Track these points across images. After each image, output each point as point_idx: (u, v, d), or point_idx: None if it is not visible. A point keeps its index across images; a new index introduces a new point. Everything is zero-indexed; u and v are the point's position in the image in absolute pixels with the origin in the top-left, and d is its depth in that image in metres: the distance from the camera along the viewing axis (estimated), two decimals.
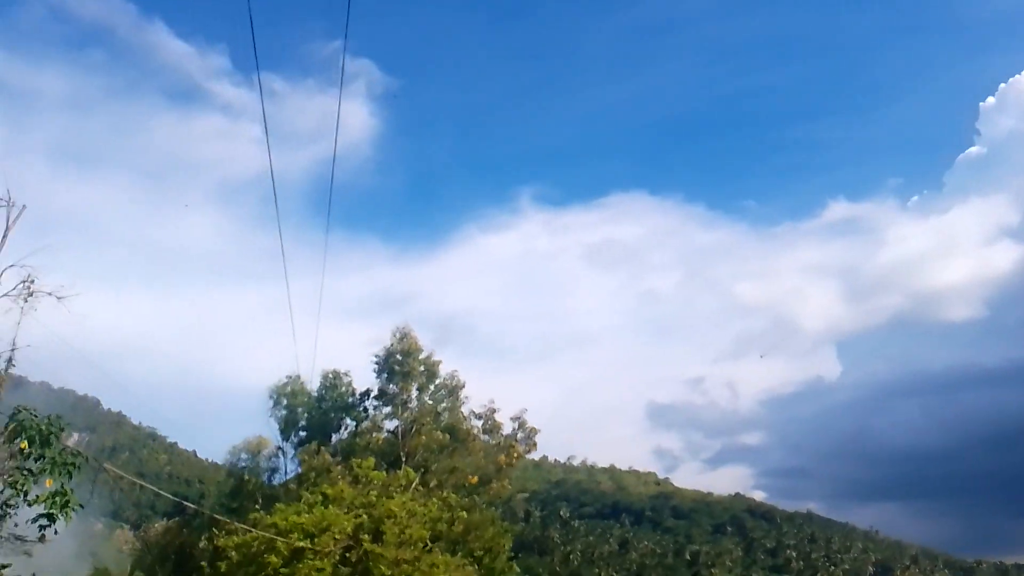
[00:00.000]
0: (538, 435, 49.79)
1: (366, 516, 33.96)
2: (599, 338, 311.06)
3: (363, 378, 54.16)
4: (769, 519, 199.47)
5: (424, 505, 36.41)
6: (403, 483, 38.42)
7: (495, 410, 50.46)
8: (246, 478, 52.60)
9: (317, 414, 53.53)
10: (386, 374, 49.96)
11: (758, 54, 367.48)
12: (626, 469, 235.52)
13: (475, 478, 46.72)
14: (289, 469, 54.61)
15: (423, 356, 50.27)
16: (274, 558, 30.71)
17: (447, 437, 47.45)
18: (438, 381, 51.29)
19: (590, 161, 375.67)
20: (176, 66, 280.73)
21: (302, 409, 54.05)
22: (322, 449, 46.26)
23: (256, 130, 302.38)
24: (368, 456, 42.23)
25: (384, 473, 39.23)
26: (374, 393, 51.48)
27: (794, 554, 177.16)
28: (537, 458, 54.36)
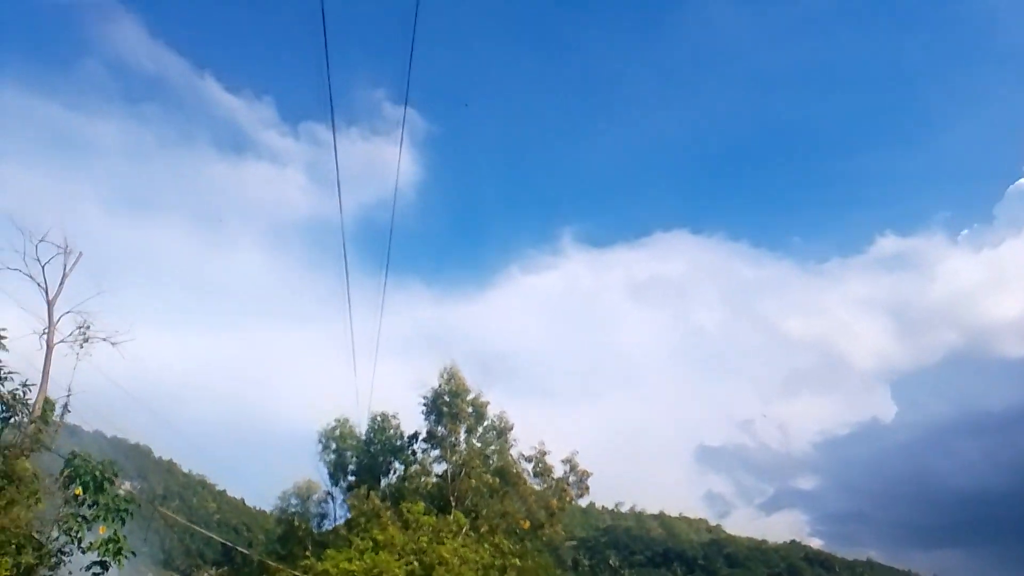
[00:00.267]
0: (590, 478, 48.57)
1: (417, 562, 33.25)
2: (645, 378, 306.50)
3: (410, 420, 53.86)
4: (828, 567, 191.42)
5: (476, 551, 35.53)
6: (454, 528, 37.70)
7: (545, 452, 49.41)
8: (296, 523, 52.26)
9: (366, 457, 53.18)
10: (434, 415, 49.30)
11: (802, 86, 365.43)
12: (676, 515, 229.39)
13: (527, 522, 45.56)
14: (338, 514, 54.31)
15: (471, 397, 49.57)
16: None
17: (497, 480, 46.47)
18: (486, 423, 50.45)
19: (631, 199, 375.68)
20: (226, 117, 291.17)
21: (351, 453, 53.81)
22: (372, 493, 45.66)
23: (302, 177, 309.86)
24: (418, 500, 41.62)
25: (434, 517, 38.52)
26: (422, 435, 50.87)
27: None
28: (584, 504, 52.80)
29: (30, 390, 26.51)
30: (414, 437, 52.11)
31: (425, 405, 49.47)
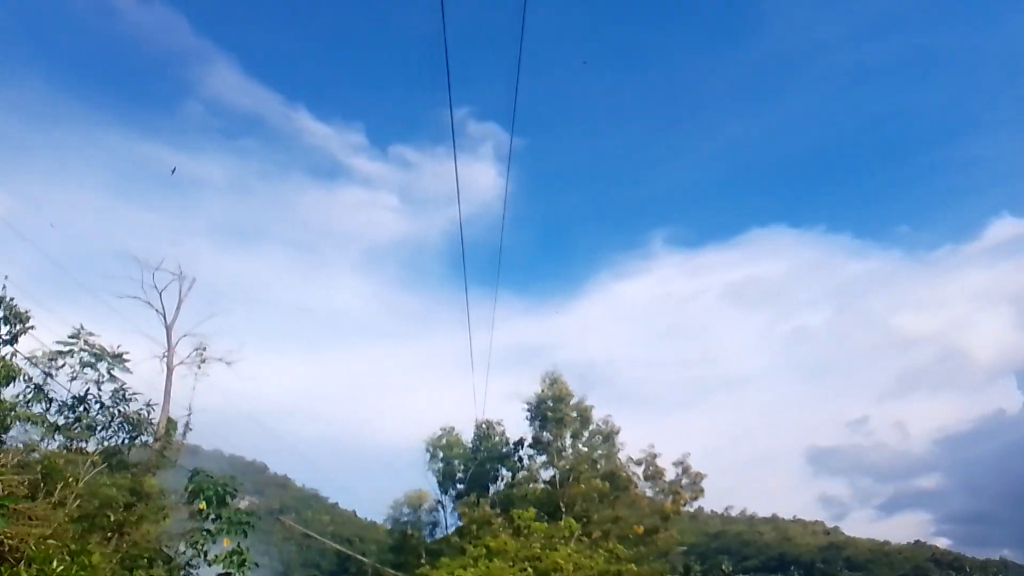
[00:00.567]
0: (704, 480, 46.82)
1: (531, 569, 32.66)
2: (748, 381, 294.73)
3: (512, 429, 53.83)
4: (957, 568, 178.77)
5: (590, 557, 34.64)
6: (565, 534, 36.94)
7: (656, 455, 48.13)
8: (409, 532, 52.83)
9: (473, 465, 53.28)
10: (538, 421, 48.86)
11: (902, 73, 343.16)
12: (790, 519, 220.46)
13: (640, 528, 44.33)
14: (449, 522, 54.60)
15: (574, 401, 48.90)
16: None
17: (607, 485, 45.46)
18: (592, 427, 49.65)
19: (724, 198, 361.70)
20: (318, 146, 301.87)
21: (458, 461, 54.03)
22: (481, 501, 45.60)
23: (392, 199, 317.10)
24: (527, 507, 41.10)
25: (545, 524, 37.87)
26: (528, 442, 50.58)
27: None
28: (692, 509, 50.77)
29: (153, 410, 27.63)
30: (519, 444, 51.89)
31: (529, 411, 49.16)
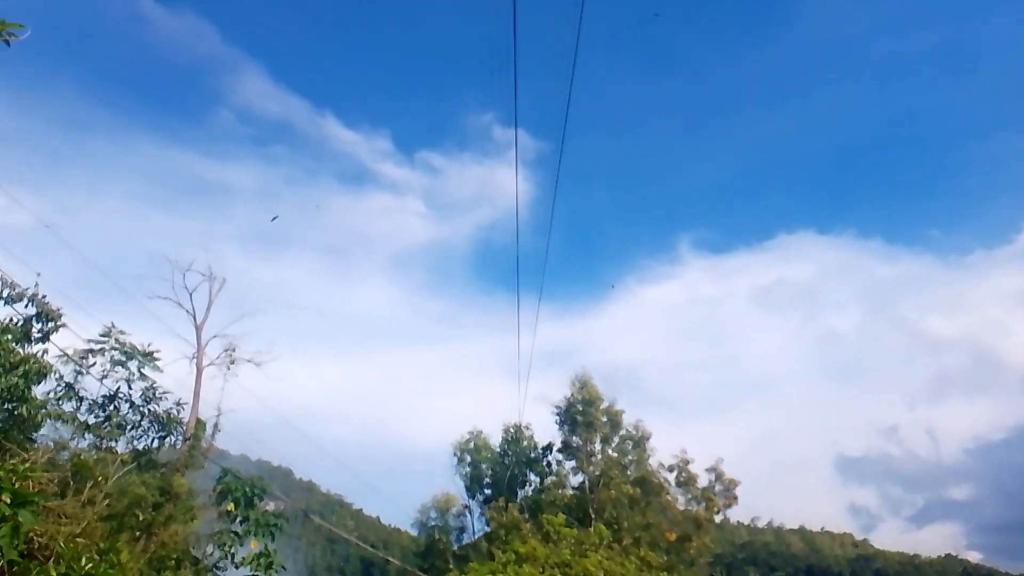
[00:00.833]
0: (737, 487, 45.80)
1: (561, 575, 32.03)
2: (776, 386, 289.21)
3: (541, 434, 53.33)
4: None
5: (621, 564, 33.93)
6: (595, 540, 36.24)
7: (688, 461, 47.22)
8: (436, 536, 52.44)
9: (501, 470, 52.78)
10: (568, 426, 48.23)
11: (931, 70, 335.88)
12: (818, 529, 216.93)
13: (673, 534, 43.47)
14: (476, 527, 54.16)
15: (605, 405, 48.18)
16: None
17: (638, 491, 44.69)
18: (622, 432, 48.89)
19: (751, 202, 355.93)
20: (345, 152, 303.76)
21: (486, 465, 53.55)
22: (510, 506, 45.07)
23: (419, 204, 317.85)
24: (556, 512, 40.49)
25: (575, 530, 37.21)
26: (557, 446, 49.98)
27: None
28: (723, 517, 49.69)
29: (183, 408, 27.57)
30: (548, 448, 51.32)
31: (558, 415, 48.60)
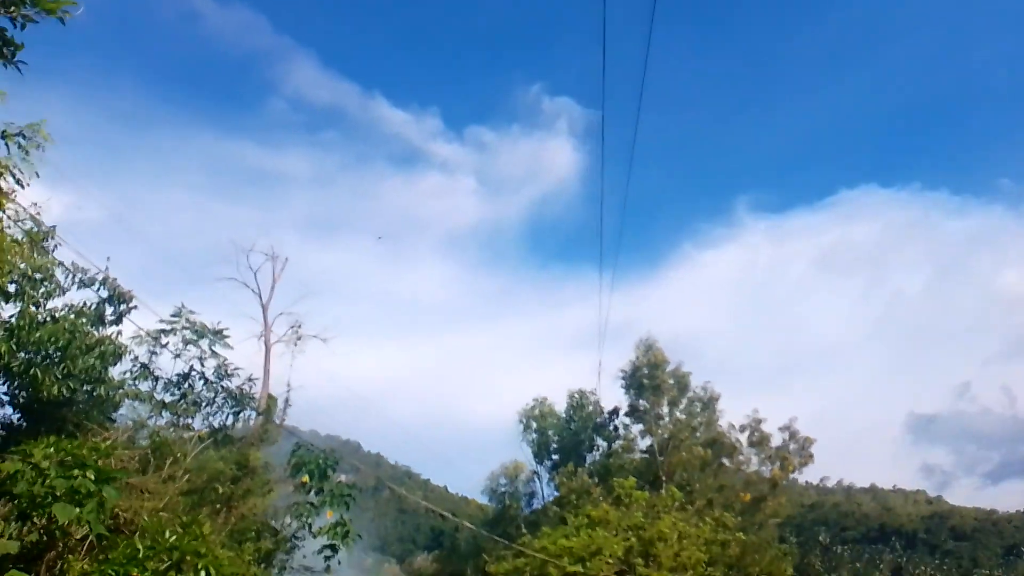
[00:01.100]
0: (813, 445, 44.60)
1: (634, 538, 31.77)
2: (842, 348, 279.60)
3: (605, 401, 53.11)
4: None
5: (696, 526, 33.46)
6: (668, 503, 35.81)
7: (760, 420, 46.17)
8: (507, 503, 52.78)
9: (567, 436, 52.66)
10: (634, 390, 47.61)
11: (1000, 13, 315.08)
12: (890, 488, 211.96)
13: (747, 495, 42.75)
14: (545, 493, 54.30)
15: (671, 368, 47.38)
16: None
17: (709, 453, 44.00)
18: (690, 394, 48.08)
19: (810, 160, 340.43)
20: (396, 133, 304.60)
21: (553, 432, 53.47)
22: (579, 470, 44.97)
23: (471, 182, 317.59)
24: (625, 476, 40.17)
25: (646, 493, 36.84)
26: (624, 410, 49.46)
27: None
28: (800, 475, 48.46)
29: (255, 384, 28.09)
30: (615, 413, 50.90)
31: (624, 379, 47.98)
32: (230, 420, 27.35)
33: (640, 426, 48.09)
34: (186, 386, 25.48)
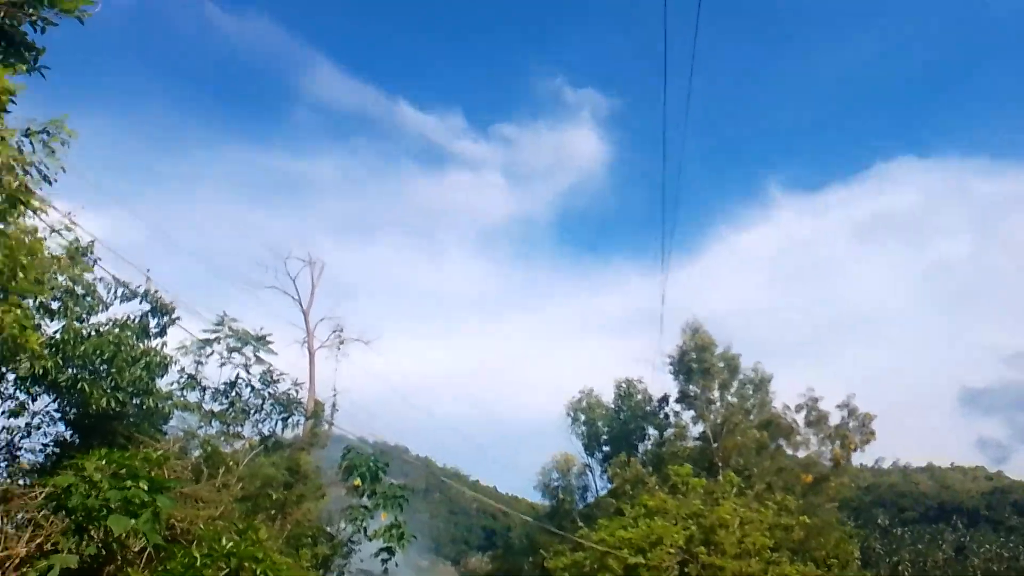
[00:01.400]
0: (874, 420, 43.08)
1: (695, 527, 30.94)
2: (886, 322, 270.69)
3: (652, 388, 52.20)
4: None
5: (757, 511, 32.48)
6: (727, 489, 34.86)
7: (817, 399, 44.82)
8: (561, 497, 52.13)
9: (617, 426, 51.85)
10: (683, 375, 46.58)
11: None
12: (948, 466, 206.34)
13: (808, 476, 41.53)
14: (598, 485, 53.56)
15: (719, 351, 46.24)
16: None
17: (765, 435, 42.82)
18: (740, 376, 46.89)
19: (842, 133, 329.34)
20: (421, 134, 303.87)
21: (602, 423, 52.71)
22: (632, 460, 44.13)
23: (498, 177, 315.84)
24: (679, 463, 39.27)
25: (703, 480, 35.92)
26: (673, 396, 48.44)
27: None
28: (864, 452, 46.85)
29: (301, 389, 27.92)
30: (664, 400, 49.97)
31: (671, 365, 46.93)
32: (279, 426, 27.26)
33: (691, 412, 47.12)
34: (233, 394, 25.38)
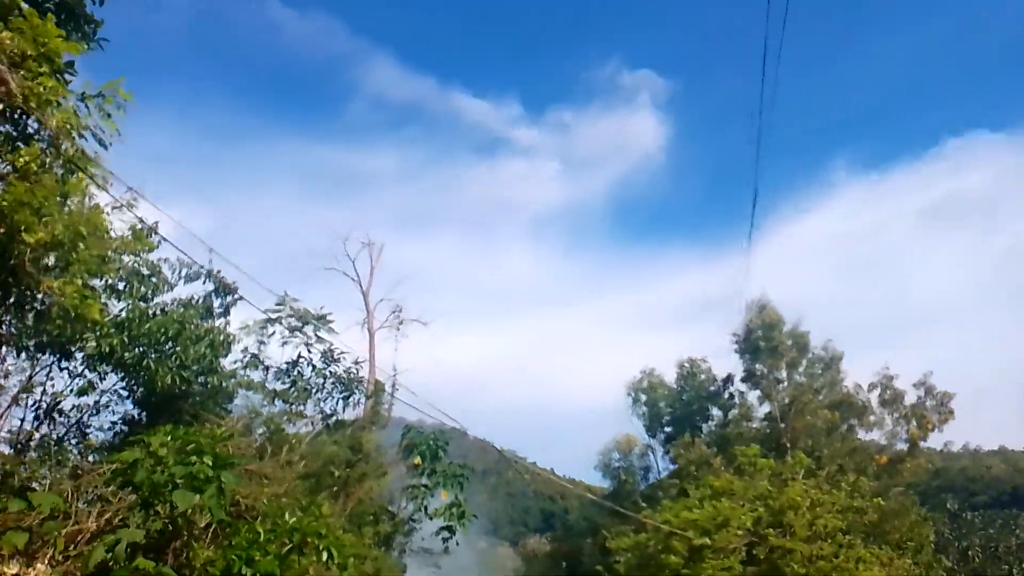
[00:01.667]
0: (953, 400, 41.11)
1: (763, 508, 30.02)
2: (955, 307, 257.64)
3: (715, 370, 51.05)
4: None
5: (829, 493, 31.35)
6: (796, 470, 33.73)
7: (892, 377, 42.99)
8: (623, 478, 51.52)
9: (680, 407, 50.81)
10: (749, 354, 45.20)
11: None
12: (1021, 449, 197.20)
13: (883, 457, 39.96)
14: (660, 466, 52.74)
15: (787, 328, 44.70)
16: (673, 558, 28.21)
17: (836, 415, 41.32)
18: (810, 355, 45.30)
19: (909, 111, 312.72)
20: (476, 123, 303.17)
21: (664, 403, 51.73)
22: (696, 441, 43.19)
23: (554, 164, 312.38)
24: (745, 444, 38.21)
25: (771, 461, 34.84)
26: (739, 376, 47.08)
27: None
28: (942, 432, 44.77)
29: (361, 367, 27.97)
30: (729, 380, 48.64)
31: (737, 343, 45.53)
32: (340, 405, 27.36)
33: (757, 392, 45.78)
34: (295, 373, 25.54)
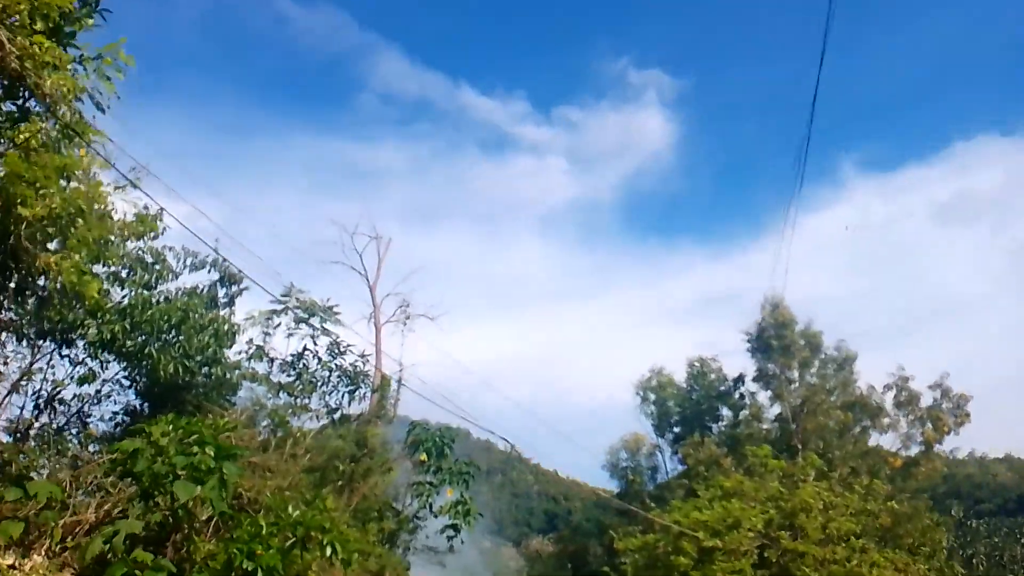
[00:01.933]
0: (970, 403, 40.44)
1: (774, 510, 29.47)
2: (966, 307, 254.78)
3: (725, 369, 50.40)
4: None
5: (842, 495, 30.78)
6: (808, 472, 33.17)
7: (908, 378, 42.34)
8: (631, 478, 50.98)
9: (689, 406, 50.24)
10: (760, 353, 44.60)
11: None
12: None
13: (898, 459, 39.34)
14: (669, 466, 52.17)
15: (800, 328, 44.09)
16: (682, 559, 27.68)
17: (849, 416, 40.71)
18: (822, 355, 44.67)
19: (919, 112, 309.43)
20: (484, 120, 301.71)
21: (673, 403, 51.15)
22: (706, 440, 42.64)
23: (562, 161, 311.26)
24: (756, 445, 37.64)
25: (783, 461, 34.27)
26: (750, 376, 46.41)
27: None
28: (959, 434, 44.06)
29: (367, 361, 27.56)
30: (739, 380, 48.03)
31: (749, 342, 44.92)
32: (345, 399, 26.97)
33: (768, 392, 45.16)
34: (301, 365, 25.17)
